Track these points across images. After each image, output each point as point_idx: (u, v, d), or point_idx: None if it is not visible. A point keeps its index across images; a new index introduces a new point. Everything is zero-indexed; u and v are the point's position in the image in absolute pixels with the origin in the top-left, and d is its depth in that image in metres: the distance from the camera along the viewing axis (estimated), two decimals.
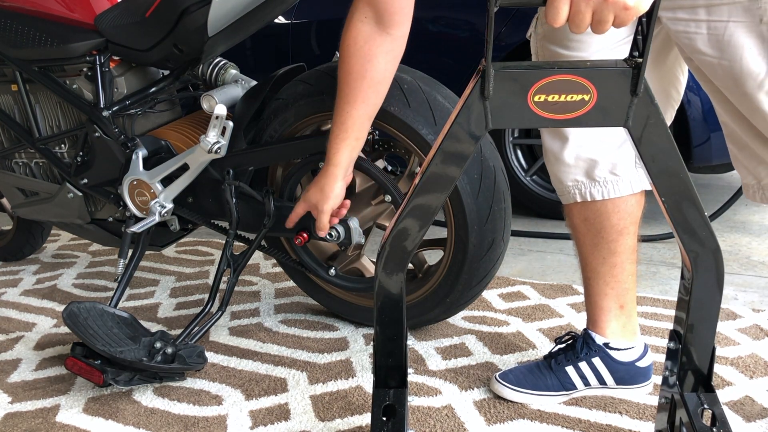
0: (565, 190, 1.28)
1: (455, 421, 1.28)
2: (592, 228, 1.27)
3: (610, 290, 1.30)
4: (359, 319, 1.73)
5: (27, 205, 1.91)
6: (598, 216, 1.26)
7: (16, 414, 1.36)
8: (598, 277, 1.30)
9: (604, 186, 1.23)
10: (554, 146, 1.25)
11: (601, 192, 1.24)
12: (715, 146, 2.35)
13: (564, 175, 1.26)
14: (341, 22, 1.21)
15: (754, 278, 2.00)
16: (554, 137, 1.25)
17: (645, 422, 1.25)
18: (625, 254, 1.28)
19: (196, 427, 1.29)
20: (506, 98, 0.85)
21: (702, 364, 0.99)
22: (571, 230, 1.33)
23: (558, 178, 1.28)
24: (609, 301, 1.30)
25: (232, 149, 1.56)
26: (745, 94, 1.05)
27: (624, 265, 1.28)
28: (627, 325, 1.32)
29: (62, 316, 1.42)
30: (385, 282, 0.98)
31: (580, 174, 1.24)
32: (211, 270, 2.23)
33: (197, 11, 1.43)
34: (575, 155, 1.23)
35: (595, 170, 1.23)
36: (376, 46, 1.17)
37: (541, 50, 1.23)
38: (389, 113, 1.43)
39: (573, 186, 1.26)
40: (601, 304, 1.31)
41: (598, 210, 1.25)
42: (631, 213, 1.26)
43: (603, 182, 1.23)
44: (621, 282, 1.29)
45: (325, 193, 1.34)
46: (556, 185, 1.30)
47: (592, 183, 1.24)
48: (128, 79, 1.68)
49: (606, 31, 0.81)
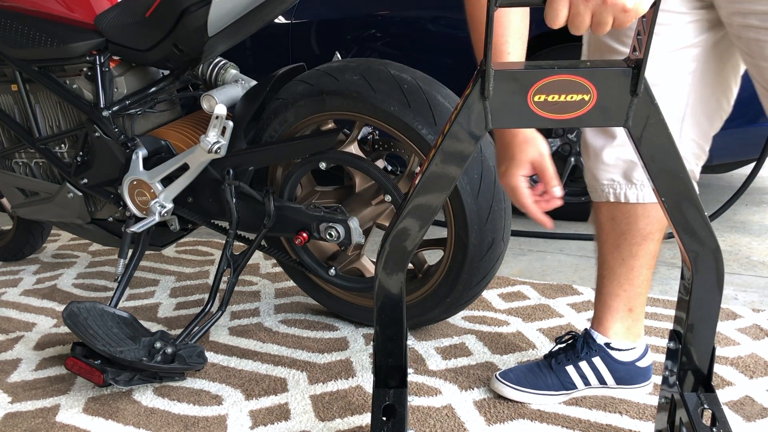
0: (599, 188, 1.26)
1: (455, 421, 1.28)
2: (618, 228, 1.26)
3: (623, 292, 1.29)
4: (359, 319, 1.73)
5: (27, 205, 1.91)
6: (626, 217, 1.25)
7: (16, 414, 1.36)
8: (613, 277, 1.30)
9: (641, 189, 1.22)
10: (597, 143, 1.24)
11: (636, 195, 1.23)
12: (715, 146, 2.34)
13: (601, 173, 1.24)
14: (341, 22, 1.20)
15: (754, 278, 2.00)
16: (598, 135, 1.23)
17: (645, 422, 1.25)
18: (645, 258, 1.27)
19: (196, 427, 1.29)
20: (506, 98, 0.85)
21: (702, 364, 0.99)
22: (595, 227, 1.32)
23: (594, 175, 1.26)
24: (619, 303, 1.30)
25: (232, 149, 1.56)
26: None
27: (641, 270, 1.28)
28: (632, 328, 1.32)
29: (62, 316, 1.42)
30: (385, 282, 0.98)
31: (618, 174, 1.23)
32: (211, 270, 2.23)
33: (197, 11, 1.43)
34: (616, 155, 1.22)
35: (633, 172, 1.22)
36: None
37: (593, 41, 1.22)
38: (390, 113, 1.43)
39: (608, 185, 1.24)
40: (611, 304, 1.31)
41: (628, 212, 1.24)
42: (659, 219, 1.24)
43: (640, 185, 1.22)
44: (635, 286, 1.29)
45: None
46: (589, 181, 1.29)
47: (628, 185, 1.23)
48: (128, 79, 1.68)
49: (605, 32, 0.81)
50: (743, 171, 3.13)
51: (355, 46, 2.83)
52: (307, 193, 1.71)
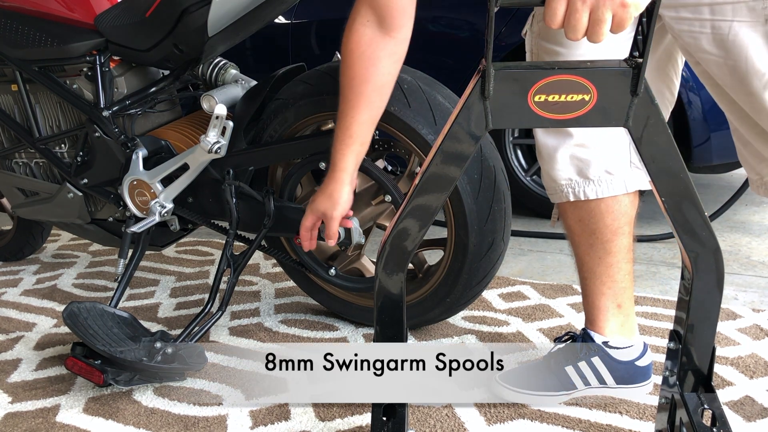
0: (558, 189, 1.27)
1: (455, 421, 1.28)
2: (587, 228, 1.27)
3: (607, 290, 1.30)
4: (359, 319, 1.73)
5: (27, 205, 1.91)
6: (592, 216, 1.26)
7: (16, 414, 1.36)
8: (594, 277, 1.30)
9: (598, 185, 1.23)
10: (548, 143, 1.25)
11: (595, 191, 1.23)
12: (715, 146, 2.35)
13: (557, 173, 1.25)
14: (341, 22, 1.20)
15: (754, 278, 2.00)
16: (548, 135, 1.25)
17: (645, 422, 1.25)
18: (621, 254, 1.28)
19: (196, 427, 1.29)
20: (506, 98, 0.85)
21: (702, 364, 0.99)
22: (566, 231, 1.33)
23: (551, 176, 1.27)
24: (606, 301, 1.31)
25: (232, 149, 1.56)
26: (750, 94, 1.05)
27: (620, 265, 1.28)
28: (625, 324, 1.32)
29: (62, 316, 1.42)
30: (385, 282, 0.98)
31: (574, 173, 1.24)
32: (211, 270, 2.23)
33: (197, 11, 1.43)
34: (570, 153, 1.23)
35: (589, 169, 1.23)
36: (379, 50, 1.15)
37: (536, 48, 1.23)
38: (390, 113, 1.43)
39: (566, 185, 1.25)
40: (599, 303, 1.31)
41: (592, 210, 1.25)
42: (625, 213, 1.25)
43: (597, 181, 1.23)
44: (618, 281, 1.29)
45: (333, 199, 1.29)
46: (547, 183, 1.30)
47: (586, 182, 1.24)
48: (128, 79, 1.68)
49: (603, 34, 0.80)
50: (743, 171, 3.12)
51: None
52: (307, 193, 1.71)
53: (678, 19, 1.07)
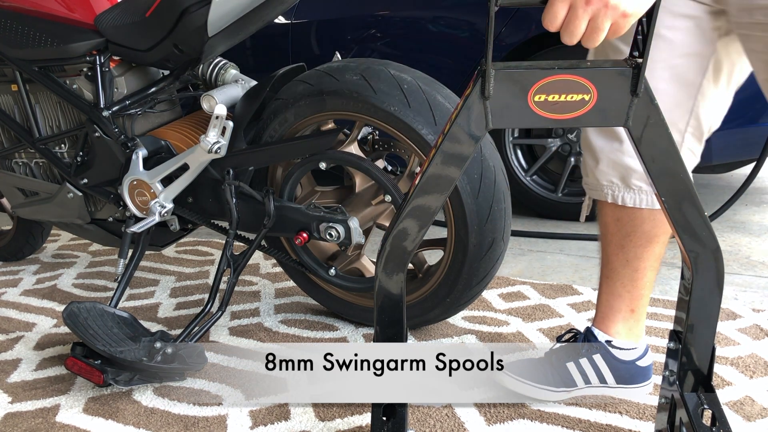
0: (598, 187, 1.26)
1: (455, 421, 1.28)
2: (623, 230, 1.26)
3: (626, 293, 1.29)
4: (359, 319, 1.73)
5: (27, 205, 1.91)
6: (631, 220, 1.24)
7: (16, 414, 1.36)
8: (616, 277, 1.29)
9: (638, 195, 1.21)
10: (597, 143, 1.23)
11: (633, 199, 1.22)
12: (715, 146, 2.34)
13: (600, 173, 1.24)
14: (341, 22, 1.20)
15: (754, 278, 2.00)
16: (598, 135, 1.22)
17: (645, 422, 1.25)
18: (650, 261, 1.26)
19: (196, 427, 1.29)
20: (506, 98, 0.85)
21: (702, 364, 0.99)
22: (600, 226, 1.31)
23: (594, 174, 1.26)
24: (621, 303, 1.30)
25: (232, 149, 1.56)
26: None
27: (646, 272, 1.27)
28: (634, 329, 1.32)
29: (62, 316, 1.42)
30: (385, 282, 0.98)
31: (616, 177, 1.22)
32: (211, 270, 2.23)
33: (197, 11, 1.43)
34: (615, 158, 1.21)
35: (632, 178, 1.21)
36: None
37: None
38: (390, 113, 1.43)
39: (607, 186, 1.24)
40: (613, 304, 1.31)
41: (633, 215, 1.24)
42: (665, 222, 1.23)
43: (638, 191, 1.21)
44: (638, 287, 1.28)
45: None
46: (590, 180, 1.28)
47: (626, 189, 1.22)
48: (128, 79, 1.68)
49: (598, 41, 0.79)
50: (743, 171, 3.13)
51: (355, 46, 2.84)
52: (307, 193, 1.71)
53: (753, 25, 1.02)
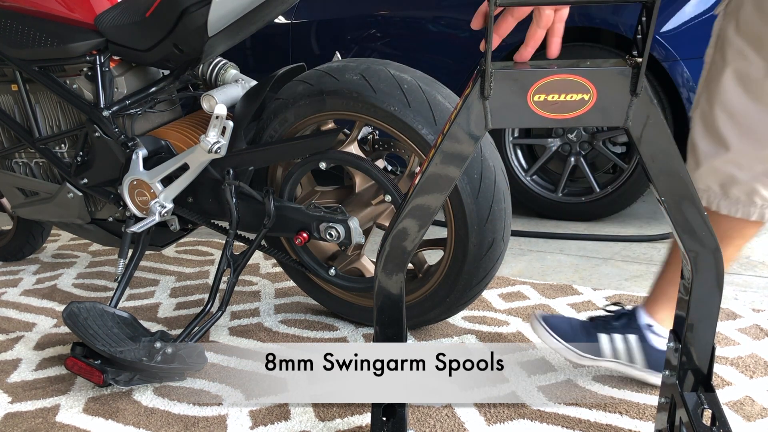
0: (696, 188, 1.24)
1: (455, 421, 1.28)
2: None
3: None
4: (359, 319, 1.73)
5: (27, 205, 1.92)
6: (716, 222, 1.20)
7: (16, 414, 1.36)
8: (678, 267, 1.28)
9: (735, 205, 1.19)
10: (703, 148, 1.20)
11: (728, 208, 1.19)
12: None
13: (700, 176, 1.21)
14: (341, 22, 1.20)
15: (754, 278, 2.00)
16: (705, 139, 1.19)
17: (645, 422, 1.25)
18: None
19: (196, 427, 1.29)
20: (506, 98, 0.85)
21: (702, 363, 0.99)
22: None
23: (693, 176, 1.22)
24: (675, 292, 1.29)
25: (232, 149, 1.56)
26: None
27: None
28: None
29: (62, 316, 1.42)
30: (385, 282, 0.98)
31: (716, 183, 1.19)
32: (211, 270, 2.23)
33: (197, 11, 1.43)
34: (719, 166, 1.18)
35: (732, 187, 1.18)
36: None
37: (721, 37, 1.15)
38: (390, 113, 1.43)
39: (704, 190, 1.21)
40: (668, 291, 1.31)
41: (720, 219, 1.21)
42: (748, 235, 1.22)
43: (735, 200, 1.19)
44: None
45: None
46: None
47: (724, 197, 1.19)
48: (128, 79, 1.68)
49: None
50: None
51: (355, 46, 2.84)
52: (307, 193, 1.71)
53: None
